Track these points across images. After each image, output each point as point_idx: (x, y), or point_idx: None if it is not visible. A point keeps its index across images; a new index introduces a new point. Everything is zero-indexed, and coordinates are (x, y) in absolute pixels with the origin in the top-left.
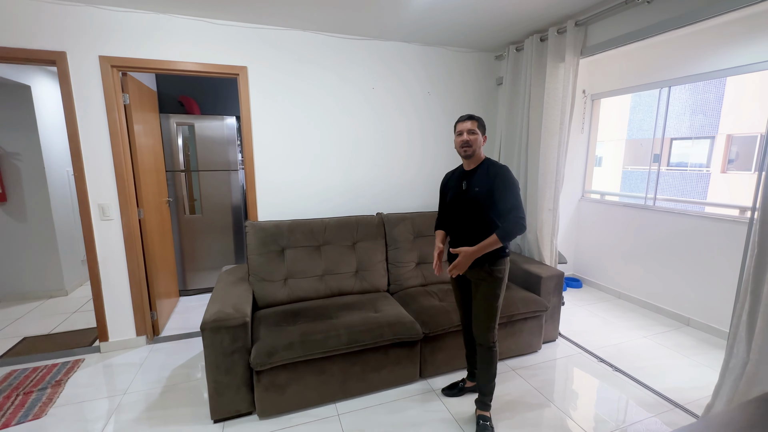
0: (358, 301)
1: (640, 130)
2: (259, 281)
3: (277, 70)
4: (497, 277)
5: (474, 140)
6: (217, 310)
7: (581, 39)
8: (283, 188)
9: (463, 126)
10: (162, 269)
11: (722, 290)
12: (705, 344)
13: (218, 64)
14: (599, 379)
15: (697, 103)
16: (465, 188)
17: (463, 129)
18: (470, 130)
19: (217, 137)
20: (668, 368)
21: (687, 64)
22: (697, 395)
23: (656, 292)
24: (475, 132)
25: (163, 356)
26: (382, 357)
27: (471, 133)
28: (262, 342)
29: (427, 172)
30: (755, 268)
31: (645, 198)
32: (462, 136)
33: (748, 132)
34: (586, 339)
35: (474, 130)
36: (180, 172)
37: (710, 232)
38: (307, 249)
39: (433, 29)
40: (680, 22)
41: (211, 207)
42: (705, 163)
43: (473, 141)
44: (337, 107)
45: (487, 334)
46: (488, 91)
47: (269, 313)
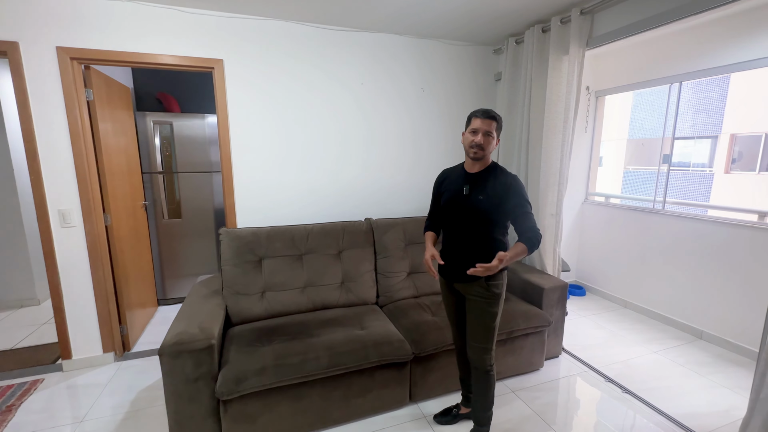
0: (342, 316)
1: (642, 129)
2: (233, 295)
3: (256, 63)
4: (495, 293)
5: (488, 144)
6: (180, 331)
7: (587, 29)
8: (264, 192)
9: (480, 124)
10: (135, 278)
11: (738, 302)
12: (721, 360)
13: (191, 57)
14: (607, 403)
15: (701, 101)
16: (466, 193)
17: (479, 128)
18: (487, 132)
19: (198, 137)
20: (683, 389)
21: (698, 57)
22: (717, 422)
23: (666, 301)
24: (492, 134)
25: (132, 375)
26: (367, 380)
27: (487, 135)
28: (231, 367)
29: (419, 174)
30: None
31: (654, 201)
32: (476, 136)
33: (752, 131)
34: (591, 354)
35: (491, 132)
36: (158, 173)
37: (725, 238)
38: (288, 259)
39: (427, 20)
40: (695, 7)
41: (193, 211)
42: (707, 163)
43: (487, 144)
44: (323, 104)
45: (484, 356)
46: (486, 88)
47: (243, 330)
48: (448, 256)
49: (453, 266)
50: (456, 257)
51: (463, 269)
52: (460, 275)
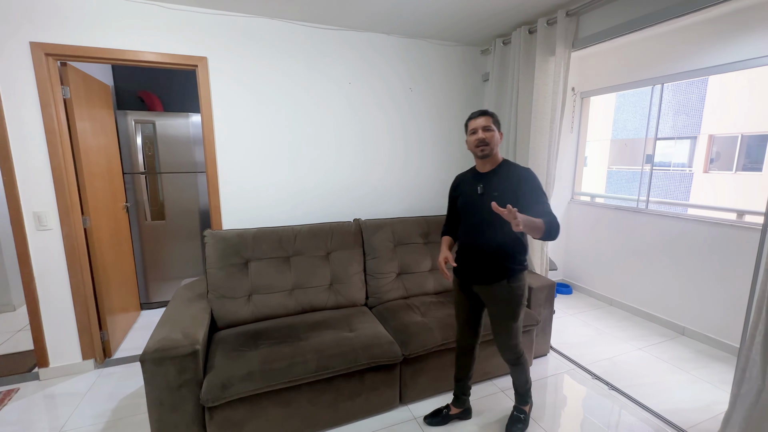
0: (331, 318)
1: (625, 129)
2: (218, 298)
3: (241, 61)
4: (517, 294)
5: (491, 138)
6: (163, 337)
7: (573, 30)
8: (250, 193)
9: (476, 123)
10: (117, 282)
11: (719, 299)
12: (703, 356)
13: (174, 54)
14: (594, 400)
15: (680, 103)
16: (481, 192)
17: (476, 126)
18: (485, 127)
19: (182, 136)
20: (667, 385)
21: (679, 60)
22: (700, 417)
23: (650, 299)
24: (491, 128)
25: (113, 383)
26: (356, 383)
27: (486, 130)
28: (216, 372)
29: (409, 174)
30: None
31: (637, 201)
32: (477, 135)
33: (728, 132)
34: (578, 352)
35: (489, 127)
36: (140, 174)
37: (705, 237)
38: (275, 261)
39: (414, 19)
40: (679, 10)
41: (177, 212)
42: (687, 163)
43: (490, 138)
44: (310, 103)
45: (515, 350)
46: (474, 88)
47: (229, 335)
48: (467, 258)
49: (472, 268)
50: (475, 258)
51: (483, 271)
52: (478, 277)
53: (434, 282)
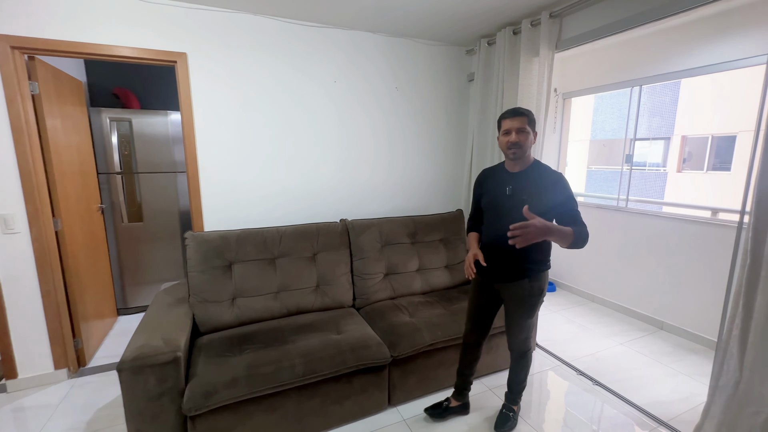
0: (318, 321)
1: (603, 130)
2: (201, 302)
3: (223, 58)
4: (536, 293)
5: (525, 140)
6: (142, 344)
7: (556, 32)
8: (233, 193)
9: (511, 124)
10: (92, 287)
11: (695, 293)
12: (680, 349)
13: (151, 50)
14: (579, 396)
15: (655, 105)
16: (509, 194)
17: (511, 128)
18: (520, 129)
19: (161, 135)
20: (648, 379)
21: (656, 63)
22: (680, 409)
23: (630, 295)
24: (526, 131)
25: (88, 393)
26: (345, 386)
27: (521, 132)
28: (199, 379)
29: (396, 174)
30: (748, 280)
31: (617, 199)
32: (510, 136)
33: (700, 133)
34: (563, 349)
35: (524, 129)
36: (116, 174)
37: (682, 234)
38: (260, 263)
39: (399, 18)
40: (658, 13)
41: (155, 213)
42: (661, 163)
43: (524, 141)
44: (295, 101)
45: (525, 343)
46: (459, 88)
47: (212, 340)
48: (490, 257)
49: (495, 266)
50: (498, 257)
51: (506, 270)
52: (500, 276)
53: (422, 282)
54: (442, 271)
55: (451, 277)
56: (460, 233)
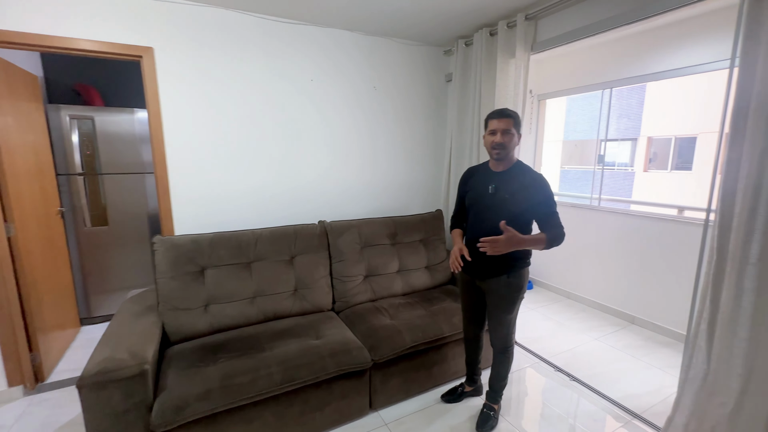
0: (296, 326)
1: (575, 131)
2: (171, 310)
3: (193, 53)
4: (517, 288)
5: (509, 142)
6: (105, 357)
7: (531, 34)
8: (205, 195)
9: (497, 124)
10: (51, 296)
11: (664, 288)
12: (651, 342)
13: (115, 43)
14: (557, 391)
15: (623, 107)
16: (492, 192)
17: (497, 128)
18: (505, 130)
19: (126, 134)
20: (622, 373)
21: (624, 67)
22: (652, 401)
23: (603, 291)
24: (511, 132)
25: (47, 411)
26: (325, 393)
27: (506, 134)
28: (169, 393)
29: (375, 174)
30: (714, 275)
31: (591, 198)
32: (495, 137)
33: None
34: (541, 346)
35: (509, 130)
36: (77, 175)
37: (651, 231)
38: (234, 267)
39: (377, 16)
40: (630, 17)
41: (121, 217)
42: (629, 163)
43: (508, 142)
44: (269, 99)
45: (507, 340)
46: (437, 88)
47: (183, 350)
48: (472, 253)
49: (476, 263)
50: (480, 254)
51: (487, 267)
52: (483, 271)
53: (402, 283)
54: (422, 272)
55: (431, 277)
56: (440, 233)
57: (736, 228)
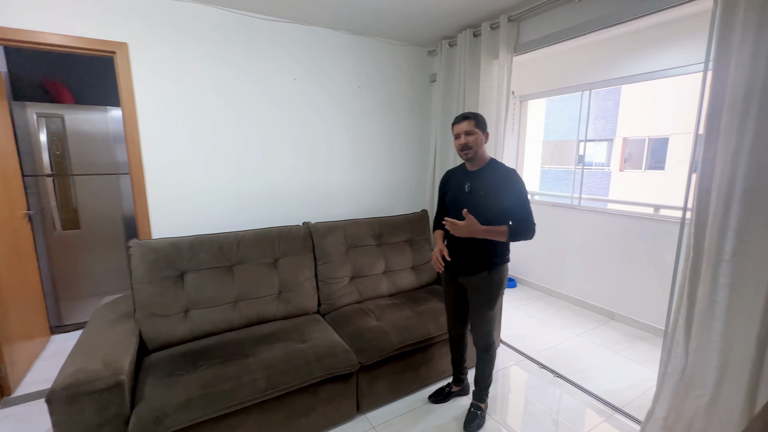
0: (281, 330)
1: (555, 132)
2: (148, 317)
3: (171, 50)
4: (497, 284)
5: (474, 141)
6: (78, 368)
7: (514, 35)
8: (184, 196)
9: (459, 128)
10: (17, 304)
11: (642, 284)
12: (630, 338)
13: (86, 38)
14: (542, 388)
15: (599, 108)
16: (468, 190)
17: (459, 131)
18: (468, 131)
19: (100, 133)
20: (603, 368)
21: (602, 69)
22: (633, 395)
23: (583, 288)
24: (474, 132)
25: (12, 427)
26: (311, 397)
27: (469, 134)
28: (147, 404)
29: (360, 175)
30: (691, 272)
31: (571, 198)
32: (460, 139)
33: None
34: (526, 344)
35: (472, 131)
36: (46, 176)
37: (629, 229)
38: (216, 271)
39: (360, 14)
40: (609, 21)
41: (95, 220)
42: (606, 163)
43: (473, 142)
44: (252, 98)
45: (488, 338)
46: (422, 88)
47: (162, 358)
48: (453, 251)
49: (457, 261)
50: (460, 252)
51: (468, 263)
52: (464, 268)
53: (388, 284)
54: (408, 272)
55: (417, 278)
56: (425, 233)
57: (711, 225)
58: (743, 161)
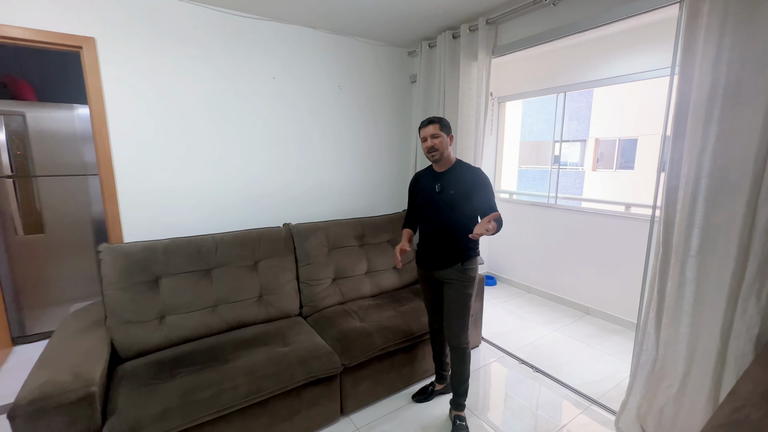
0: (262, 333)
1: (531, 132)
2: (121, 324)
3: (143, 46)
4: (470, 276)
5: (440, 143)
6: (44, 381)
7: (492, 38)
8: (158, 198)
9: (425, 131)
10: None
11: (615, 280)
12: (604, 332)
13: (49, 32)
14: (522, 384)
15: (573, 110)
16: (439, 190)
17: (426, 134)
18: (434, 135)
19: (65, 132)
20: (579, 361)
21: (576, 72)
22: (608, 386)
23: (560, 284)
24: (439, 135)
25: None
26: (294, 401)
27: (435, 137)
28: (121, 415)
29: (341, 175)
30: (661, 268)
31: (548, 197)
32: (426, 142)
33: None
34: (506, 340)
35: (437, 134)
36: (6, 178)
37: (602, 226)
38: (193, 275)
39: (339, 13)
40: (582, 26)
41: (61, 223)
42: (579, 162)
43: (439, 144)
44: (228, 97)
45: (461, 335)
46: (402, 89)
47: (137, 366)
48: (427, 248)
49: (431, 256)
50: (434, 248)
51: (442, 257)
52: (438, 262)
53: (371, 285)
54: (391, 273)
55: (400, 278)
56: None
57: (678, 223)
58: (707, 161)
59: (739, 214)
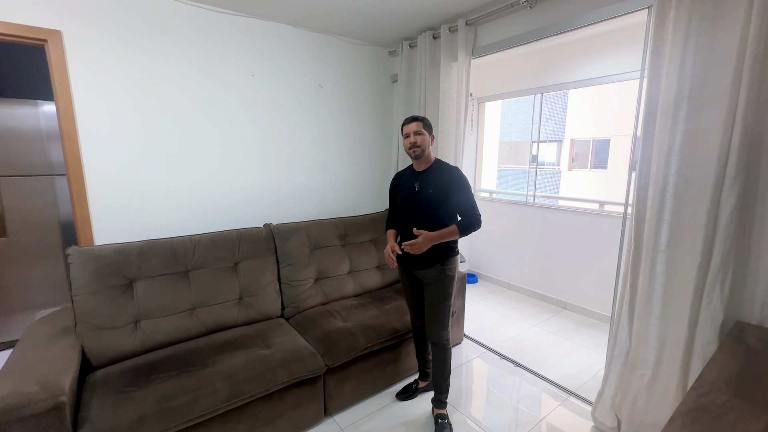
0: (242, 336)
1: (510, 133)
2: (92, 330)
3: (113, 39)
4: (449, 275)
5: (422, 141)
6: (8, 393)
7: (472, 39)
8: (131, 199)
9: (408, 128)
10: None
11: (590, 275)
12: (581, 326)
13: (9, 23)
14: (503, 378)
15: (550, 111)
16: (418, 189)
17: (409, 131)
18: (417, 132)
19: (29, 130)
20: (558, 355)
21: (552, 74)
22: (585, 378)
23: (538, 280)
24: (422, 132)
25: None
26: (276, 404)
27: (418, 134)
28: (93, 425)
29: (323, 174)
30: (633, 262)
31: (526, 195)
32: (409, 138)
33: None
34: (488, 336)
35: (420, 131)
36: None
37: (577, 224)
38: (169, 277)
39: (319, 12)
40: (557, 29)
41: (25, 226)
42: (556, 162)
43: (421, 142)
44: (204, 94)
45: (441, 332)
46: (384, 88)
47: (109, 374)
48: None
49: (411, 256)
50: None
51: (420, 258)
52: (418, 262)
53: (354, 284)
54: (373, 272)
55: (382, 277)
56: None
57: (648, 219)
58: (675, 160)
59: (704, 209)
